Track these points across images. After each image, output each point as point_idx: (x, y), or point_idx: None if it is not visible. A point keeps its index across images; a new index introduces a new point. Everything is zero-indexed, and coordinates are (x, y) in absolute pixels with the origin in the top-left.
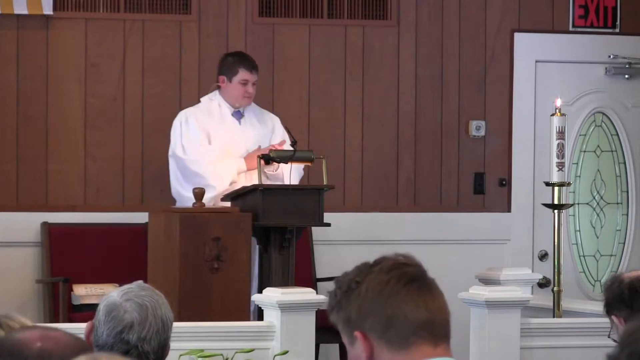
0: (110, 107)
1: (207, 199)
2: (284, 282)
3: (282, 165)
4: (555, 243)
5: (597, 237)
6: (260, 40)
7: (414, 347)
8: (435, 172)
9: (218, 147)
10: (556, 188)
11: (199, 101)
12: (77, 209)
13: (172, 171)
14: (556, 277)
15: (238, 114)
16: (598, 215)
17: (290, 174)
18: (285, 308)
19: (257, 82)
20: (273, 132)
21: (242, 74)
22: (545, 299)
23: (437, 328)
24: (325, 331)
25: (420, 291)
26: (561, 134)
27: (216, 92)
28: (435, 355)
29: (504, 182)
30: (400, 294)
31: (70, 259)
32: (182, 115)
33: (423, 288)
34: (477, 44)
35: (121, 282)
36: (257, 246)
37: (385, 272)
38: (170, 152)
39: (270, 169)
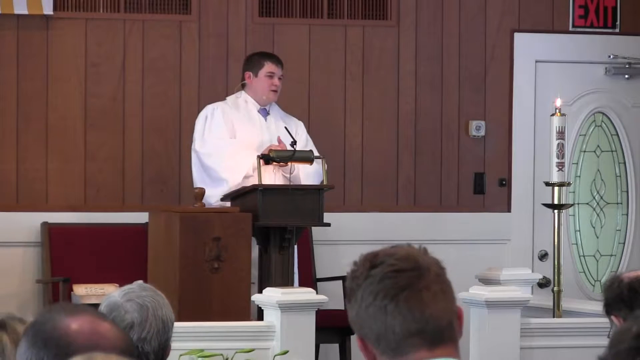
0: (110, 107)
1: (219, 193)
2: (284, 282)
3: (299, 167)
4: (555, 243)
5: (597, 237)
6: (260, 40)
7: (409, 353)
8: (435, 172)
9: (241, 140)
10: (556, 188)
11: (224, 99)
12: (77, 209)
13: (193, 165)
14: (556, 277)
15: (264, 112)
16: (598, 215)
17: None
18: (285, 308)
19: (282, 78)
20: (296, 136)
21: (268, 67)
22: (545, 299)
23: (429, 335)
24: (325, 331)
25: (408, 302)
26: (561, 134)
27: (242, 92)
28: (432, 357)
29: (504, 182)
30: (388, 309)
31: (70, 259)
32: (209, 108)
33: (413, 298)
34: (477, 44)
35: (121, 282)
36: (257, 246)
37: (377, 282)
38: (192, 146)
39: (285, 172)
